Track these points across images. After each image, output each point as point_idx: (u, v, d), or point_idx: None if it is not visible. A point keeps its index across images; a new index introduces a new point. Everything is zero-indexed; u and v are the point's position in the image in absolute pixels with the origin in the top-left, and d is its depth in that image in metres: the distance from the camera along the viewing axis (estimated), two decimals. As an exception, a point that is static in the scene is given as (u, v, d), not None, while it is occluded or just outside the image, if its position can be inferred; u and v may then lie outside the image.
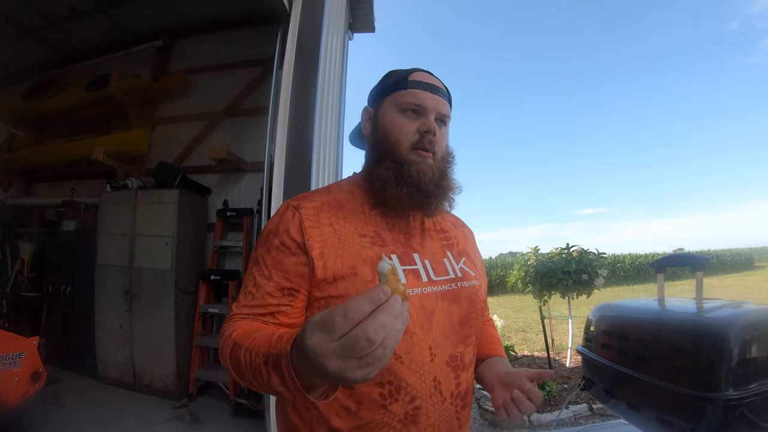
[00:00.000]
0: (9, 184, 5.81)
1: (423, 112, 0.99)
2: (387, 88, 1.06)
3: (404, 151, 0.98)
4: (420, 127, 0.98)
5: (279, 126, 2.94)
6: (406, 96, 1.00)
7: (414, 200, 0.97)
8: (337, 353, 0.51)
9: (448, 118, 1.04)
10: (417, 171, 0.96)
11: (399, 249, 0.97)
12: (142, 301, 4.23)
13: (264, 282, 0.91)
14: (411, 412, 0.87)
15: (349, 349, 0.51)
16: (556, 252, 5.59)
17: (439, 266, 1.01)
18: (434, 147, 0.99)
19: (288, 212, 0.97)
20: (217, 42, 5.08)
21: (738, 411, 1.09)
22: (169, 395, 4.04)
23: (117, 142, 5.08)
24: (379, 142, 1.03)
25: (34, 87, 5.70)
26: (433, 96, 1.01)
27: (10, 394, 2.78)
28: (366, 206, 1.02)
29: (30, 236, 5.30)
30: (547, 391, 4.32)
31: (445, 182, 1.01)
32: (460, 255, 1.09)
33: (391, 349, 0.52)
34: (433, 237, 1.08)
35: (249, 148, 4.72)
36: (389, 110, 1.02)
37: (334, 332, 0.51)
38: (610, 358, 1.40)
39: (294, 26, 3.10)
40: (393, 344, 0.52)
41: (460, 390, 0.94)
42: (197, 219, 4.64)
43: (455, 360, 0.94)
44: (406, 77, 1.03)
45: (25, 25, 4.86)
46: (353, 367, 0.51)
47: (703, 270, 1.42)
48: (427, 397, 0.88)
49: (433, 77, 1.05)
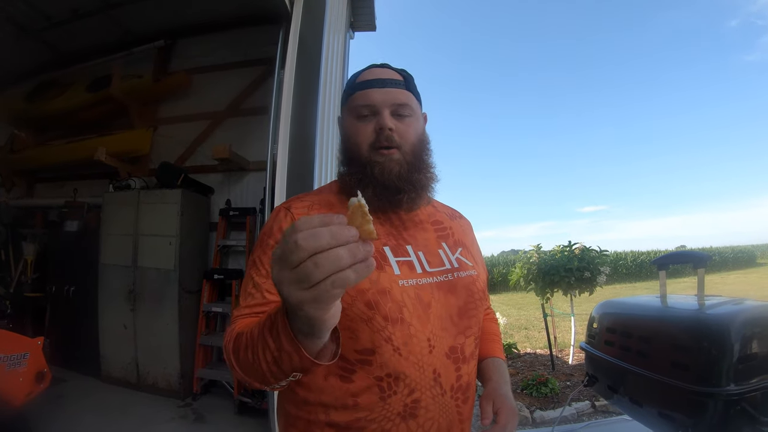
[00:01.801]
0: (11, 185, 5.83)
1: (376, 110, 0.99)
2: (344, 97, 1.08)
3: (366, 153, 0.98)
4: (374, 127, 0.98)
5: (281, 125, 2.95)
6: (356, 99, 1.01)
7: (383, 199, 0.98)
8: (277, 257, 0.50)
9: (407, 106, 1.01)
10: (380, 170, 0.97)
11: (391, 241, 0.97)
12: (145, 301, 4.25)
13: (262, 281, 0.90)
14: (410, 405, 0.85)
15: (282, 254, 0.49)
16: (559, 249, 5.59)
17: (434, 257, 1.00)
18: (395, 141, 0.98)
19: (280, 213, 0.99)
20: (218, 42, 5.09)
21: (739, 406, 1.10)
22: (173, 394, 4.06)
23: (119, 142, 5.10)
24: (344, 150, 1.05)
25: (36, 88, 5.71)
26: (383, 90, 1.00)
27: (15, 394, 2.80)
28: None
29: (33, 237, 5.30)
30: (549, 389, 4.33)
31: (416, 174, 1.00)
32: (455, 246, 1.08)
33: (332, 281, 0.47)
34: (427, 229, 1.07)
35: (251, 147, 4.72)
36: (347, 117, 1.04)
37: (282, 241, 0.50)
38: (613, 354, 1.42)
39: (295, 26, 3.10)
40: (330, 270, 0.47)
41: (462, 383, 0.92)
42: (200, 218, 4.65)
43: (455, 352, 0.92)
44: (355, 80, 1.04)
45: (26, 26, 4.86)
46: (286, 279, 0.49)
47: (704, 267, 1.43)
48: (426, 390, 0.86)
49: (384, 69, 1.05)
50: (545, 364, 5.54)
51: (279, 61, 3.41)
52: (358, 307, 0.85)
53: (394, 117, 0.99)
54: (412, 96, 1.04)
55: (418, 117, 1.06)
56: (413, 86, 1.06)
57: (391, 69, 1.06)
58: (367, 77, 1.02)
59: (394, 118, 0.99)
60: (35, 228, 5.45)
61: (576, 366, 5.39)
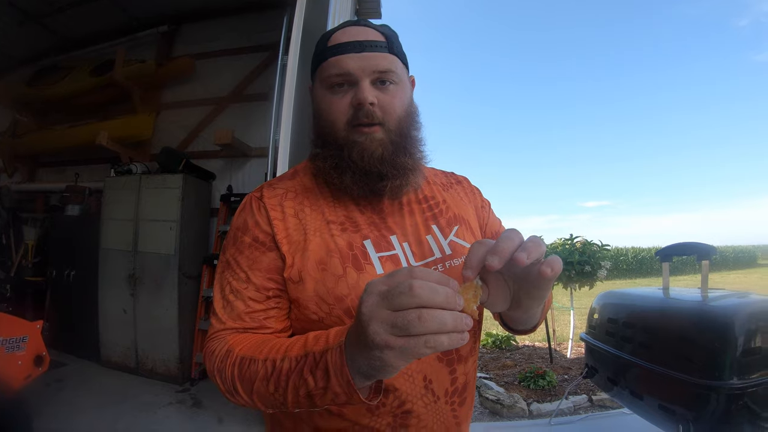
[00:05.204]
0: (13, 169, 5.82)
1: (353, 79, 0.82)
2: (313, 63, 0.91)
3: (342, 133, 0.84)
4: (352, 101, 0.82)
5: (284, 112, 2.92)
6: (329, 67, 0.84)
7: (363, 186, 0.84)
8: (380, 293, 0.49)
9: (391, 72, 0.84)
10: (360, 153, 0.82)
11: (374, 233, 0.85)
12: (145, 286, 4.25)
13: (242, 287, 0.81)
14: (400, 416, 0.78)
15: (389, 291, 0.49)
16: (560, 243, 5.56)
17: (421, 247, 0.87)
18: (378, 117, 0.82)
19: (253, 204, 0.88)
20: (222, 27, 5.06)
21: (741, 401, 1.09)
22: (171, 379, 4.07)
23: (121, 127, 5.08)
24: (316, 127, 0.90)
25: (39, 72, 5.69)
26: (361, 55, 0.82)
27: (14, 377, 2.80)
28: (333, 187, 0.89)
29: (34, 221, 5.32)
30: (547, 381, 4.33)
31: (402, 157, 0.85)
32: (450, 224, 0.93)
33: (426, 339, 0.47)
34: (414, 211, 0.92)
35: (253, 133, 4.71)
36: (318, 88, 0.88)
37: (392, 276, 0.50)
38: (614, 345, 1.40)
39: (300, 11, 3.06)
40: (432, 329, 0.47)
41: (457, 386, 0.84)
42: (201, 204, 4.64)
43: (449, 353, 0.83)
44: (326, 44, 0.87)
45: (29, 11, 4.83)
46: (382, 317, 0.48)
47: (709, 260, 1.41)
48: (417, 399, 0.79)
49: (361, 28, 0.87)
50: (543, 357, 5.53)
51: (282, 47, 3.38)
52: (337, 316, 0.77)
53: (376, 87, 0.84)
54: (396, 59, 0.87)
55: (405, 84, 0.89)
56: (398, 47, 0.89)
57: (370, 27, 0.88)
58: (341, 39, 0.85)
59: (376, 88, 0.83)
60: (36, 212, 5.46)
61: (574, 360, 5.39)
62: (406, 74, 0.91)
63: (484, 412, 4.04)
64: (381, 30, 0.88)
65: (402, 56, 0.90)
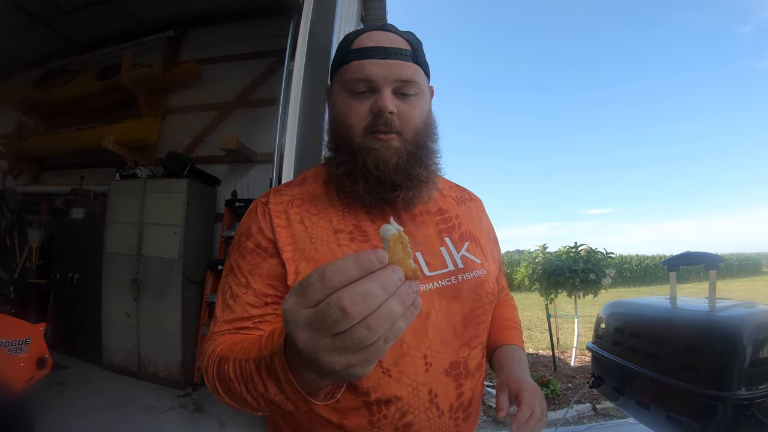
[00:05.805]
0: (18, 171, 5.85)
1: (374, 86, 0.81)
2: (334, 64, 0.89)
3: (358, 138, 0.82)
4: (372, 107, 0.81)
5: (290, 118, 2.93)
6: (350, 71, 0.82)
7: (376, 195, 0.83)
8: (307, 323, 0.41)
9: (414, 83, 0.83)
10: (375, 160, 0.81)
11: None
12: (148, 290, 4.25)
13: (242, 291, 0.81)
14: (402, 428, 0.77)
15: (320, 320, 0.40)
16: (564, 250, 5.55)
17: (435, 258, 0.87)
18: (396, 126, 0.81)
19: (258, 210, 0.88)
20: (229, 33, 5.08)
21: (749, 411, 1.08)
22: (173, 384, 4.07)
23: (127, 131, 5.10)
24: (332, 131, 0.89)
25: (45, 75, 5.72)
26: (385, 62, 0.81)
27: (16, 379, 2.80)
28: (343, 195, 0.88)
29: (39, 224, 5.34)
30: (551, 390, 4.31)
31: (417, 168, 0.84)
32: (462, 239, 0.93)
33: (384, 337, 0.41)
34: (428, 222, 0.91)
35: (259, 139, 4.72)
36: (337, 91, 0.87)
37: (308, 296, 0.40)
38: (620, 355, 1.40)
39: (306, 18, 3.08)
40: (385, 329, 0.40)
41: (463, 401, 0.82)
42: (205, 209, 4.64)
43: (457, 367, 0.82)
44: (350, 46, 0.85)
45: (36, 14, 4.86)
46: (327, 347, 0.41)
47: (716, 269, 1.41)
48: (420, 413, 0.77)
49: (387, 34, 0.85)
50: (547, 365, 5.51)
51: (289, 53, 3.40)
52: None
53: (397, 96, 0.82)
54: (419, 70, 0.86)
55: (425, 95, 0.88)
56: (422, 56, 0.88)
57: (397, 34, 0.86)
58: (366, 43, 0.83)
59: (397, 98, 0.82)
60: (41, 214, 5.47)
61: (578, 368, 5.36)
62: (427, 85, 0.90)
63: (488, 420, 4.02)
64: (407, 38, 0.87)
65: (425, 66, 0.89)
